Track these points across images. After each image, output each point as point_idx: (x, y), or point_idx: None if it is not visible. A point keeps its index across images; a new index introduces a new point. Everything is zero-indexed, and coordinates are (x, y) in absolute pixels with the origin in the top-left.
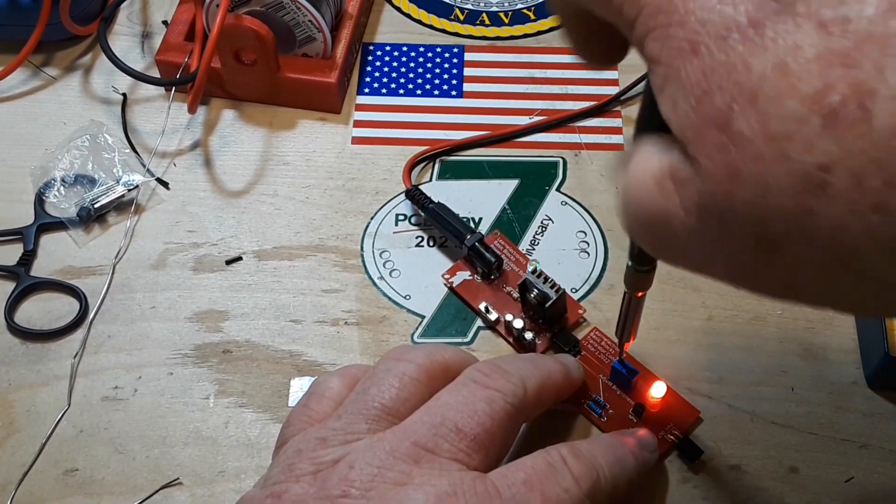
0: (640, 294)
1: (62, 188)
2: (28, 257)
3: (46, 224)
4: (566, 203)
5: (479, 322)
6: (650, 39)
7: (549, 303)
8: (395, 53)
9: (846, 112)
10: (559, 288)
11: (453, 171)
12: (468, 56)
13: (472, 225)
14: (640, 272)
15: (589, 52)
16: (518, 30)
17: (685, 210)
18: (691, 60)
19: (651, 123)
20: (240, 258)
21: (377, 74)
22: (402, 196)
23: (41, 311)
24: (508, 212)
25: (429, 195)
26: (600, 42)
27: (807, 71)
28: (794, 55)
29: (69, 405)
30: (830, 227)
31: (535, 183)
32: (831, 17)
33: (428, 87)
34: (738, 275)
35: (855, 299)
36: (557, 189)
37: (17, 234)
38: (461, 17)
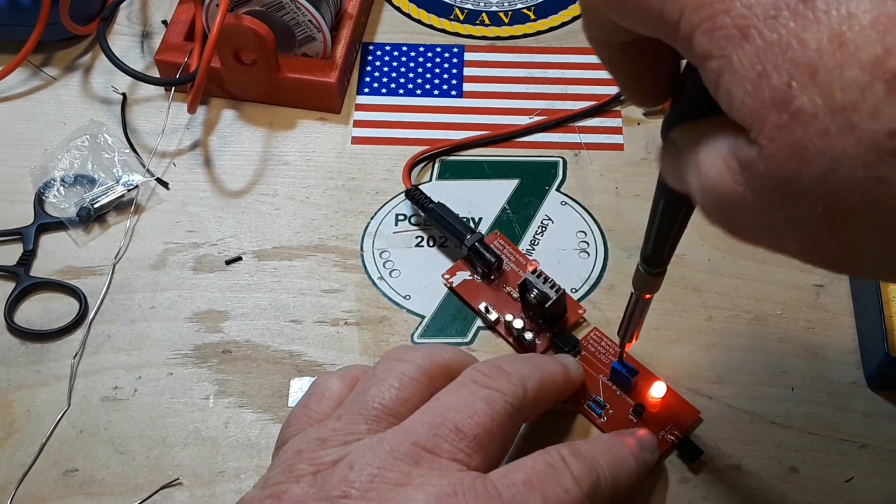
0: (647, 296)
1: (62, 188)
2: (28, 257)
3: (46, 224)
4: (566, 203)
5: (479, 322)
6: (697, 35)
7: (549, 303)
8: (395, 53)
9: None
10: (559, 288)
11: (453, 171)
12: (468, 56)
13: (472, 225)
14: (650, 275)
15: (639, 89)
16: (518, 30)
17: (754, 192)
18: (742, 46)
19: (700, 110)
20: (240, 258)
21: (377, 74)
22: (402, 196)
23: (41, 311)
24: (508, 212)
25: (429, 195)
26: (650, 74)
27: (864, 38)
28: (849, 24)
29: (69, 405)
30: None
31: (535, 183)
32: None
33: (428, 86)
34: (809, 250)
35: None
36: (557, 189)
37: (16, 234)
38: (461, 17)
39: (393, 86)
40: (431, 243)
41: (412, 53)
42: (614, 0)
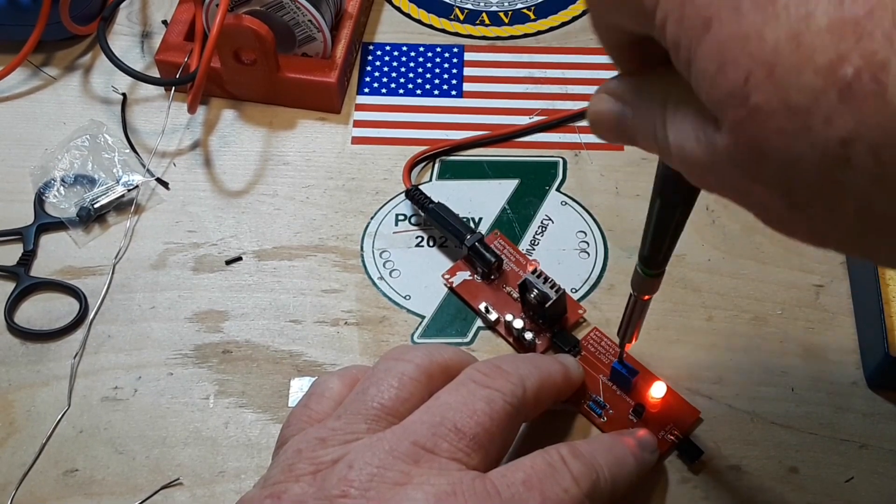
0: (646, 297)
1: (62, 188)
2: (28, 257)
3: (46, 224)
4: (566, 203)
5: (479, 322)
6: (668, 24)
7: (549, 303)
8: (395, 53)
9: (860, 85)
10: (559, 288)
11: (453, 171)
12: (468, 56)
13: (472, 225)
14: (648, 276)
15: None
16: (518, 30)
17: (719, 168)
18: (705, 36)
19: None
20: (240, 258)
21: (377, 74)
22: (402, 196)
23: (41, 311)
24: (508, 212)
25: (429, 195)
26: (638, 54)
27: (820, 41)
28: (806, 24)
29: (69, 405)
30: (857, 198)
31: (535, 183)
32: None
33: (428, 86)
34: (771, 220)
35: (888, 253)
36: (557, 189)
37: (16, 234)
38: (461, 17)
39: (393, 86)
40: (431, 243)
41: (412, 53)
42: None
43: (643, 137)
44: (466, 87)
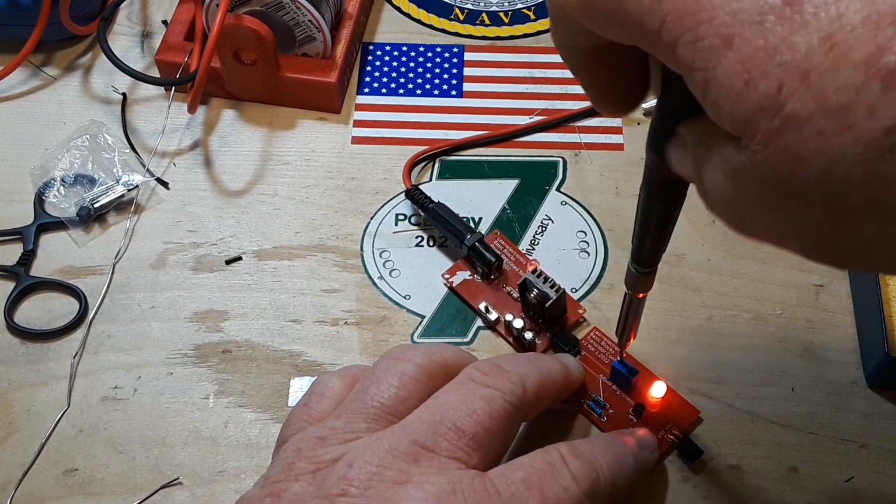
0: (640, 295)
1: (62, 188)
2: (28, 257)
3: (46, 224)
4: (566, 203)
5: (479, 322)
6: (680, 46)
7: (549, 303)
8: (395, 53)
9: None
10: (559, 288)
11: (453, 171)
12: (468, 56)
13: (472, 225)
14: (641, 274)
15: (608, 96)
16: (518, 30)
17: (750, 195)
18: (726, 55)
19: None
20: (240, 258)
21: (377, 74)
22: (402, 196)
23: (41, 310)
24: (508, 212)
25: (429, 195)
26: (619, 81)
27: (856, 37)
28: (839, 24)
29: (69, 405)
30: None
31: (535, 183)
32: None
33: (428, 86)
34: (810, 246)
35: None
36: (557, 189)
37: (16, 234)
38: (461, 17)
39: (393, 86)
40: (431, 243)
41: (412, 53)
42: (589, 6)
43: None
44: (466, 87)
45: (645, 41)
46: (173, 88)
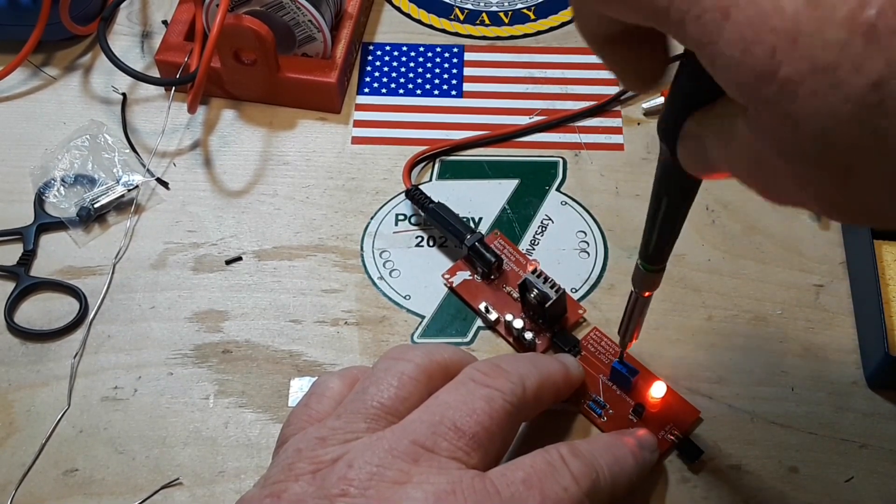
0: (647, 294)
1: (62, 188)
2: (28, 257)
3: (46, 224)
4: (566, 203)
5: (479, 322)
6: (687, 24)
7: (549, 303)
8: (395, 53)
9: (885, 23)
10: (559, 288)
11: (453, 171)
12: (468, 56)
13: (472, 225)
14: (649, 271)
15: (635, 76)
16: (518, 30)
17: (766, 162)
18: (725, 26)
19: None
20: (240, 258)
21: (377, 74)
22: (402, 196)
23: (41, 311)
24: (508, 212)
25: (429, 195)
26: (643, 61)
27: None
28: None
29: (69, 405)
30: None
31: (535, 183)
32: None
33: (428, 87)
34: (831, 206)
35: None
36: (557, 189)
37: (16, 234)
38: (461, 17)
39: (393, 86)
40: (431, 243)
41: (412, 53)
42: None
43: (720, 170)
44: (466, 87)
45: (658, 20)
46: (173, 88)
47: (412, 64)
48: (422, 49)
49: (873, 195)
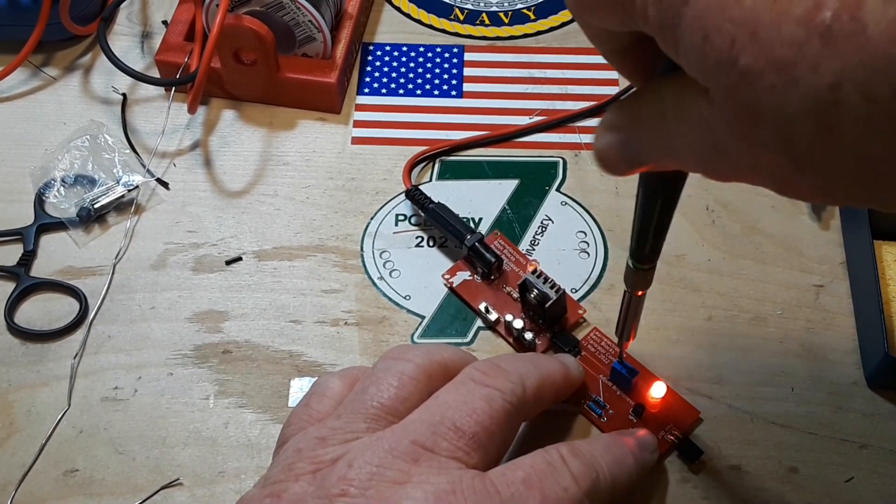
0: (639, 293)
1: (62, 188)
2: (28, 258)
3: (46, 224)
4: (566, 203)
5: (479, 322)
6: (649, 9)
7: (549, 303)
8: (395, 53)
9: (840, 26)
10: (559, 288)
11: (453, 171)
12: (468, 56)
13: (472, 225)
14: (640, 270)
15: (640, 77)
16: (518, 30)
17: (725, 144)
18: (684, 11)
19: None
20: (240, 258)
21: (377, 74)
22: (402, 196)
23: (41, 311)
24: (508, 212)
25: (429, 195)
26: (646, 63)
27: None
28: None
29: (69, 405)
30: (854, 145)
31: (535, 183)
32: None
33: (428, 87)
34: (785, 187)
35: (891, 196)
36: (557, 189)
37: (17, 235)
38: (461, 17)
39: (393, 86)
40: (431, 243)
41: (412, 53)
42: (578, 1)
43: (652, 157)
44: (466, 87)
45: (629, 18)
46: (173, 89)
47: (412, 64)
48: (422, 49)
49: (830, 181)
